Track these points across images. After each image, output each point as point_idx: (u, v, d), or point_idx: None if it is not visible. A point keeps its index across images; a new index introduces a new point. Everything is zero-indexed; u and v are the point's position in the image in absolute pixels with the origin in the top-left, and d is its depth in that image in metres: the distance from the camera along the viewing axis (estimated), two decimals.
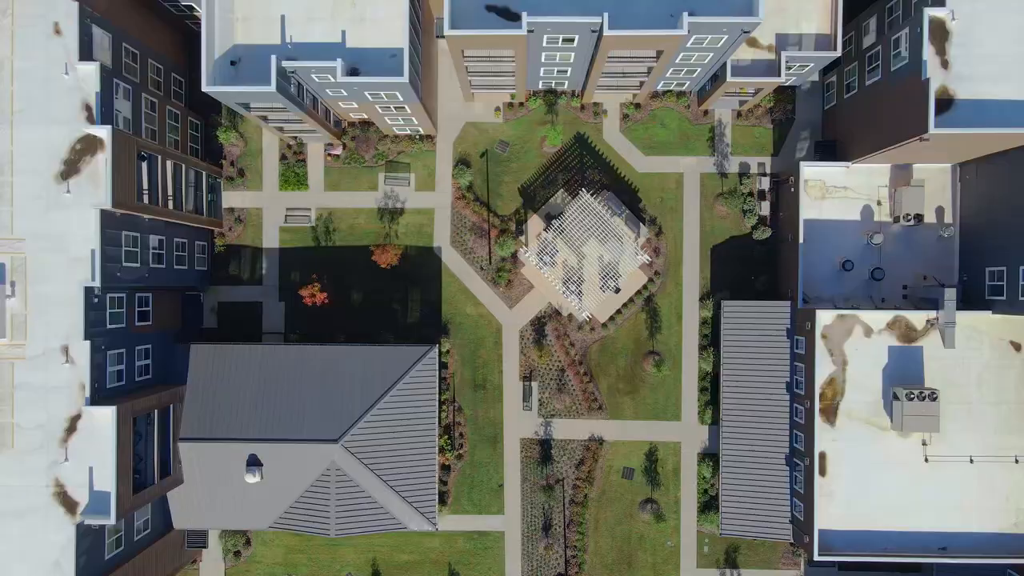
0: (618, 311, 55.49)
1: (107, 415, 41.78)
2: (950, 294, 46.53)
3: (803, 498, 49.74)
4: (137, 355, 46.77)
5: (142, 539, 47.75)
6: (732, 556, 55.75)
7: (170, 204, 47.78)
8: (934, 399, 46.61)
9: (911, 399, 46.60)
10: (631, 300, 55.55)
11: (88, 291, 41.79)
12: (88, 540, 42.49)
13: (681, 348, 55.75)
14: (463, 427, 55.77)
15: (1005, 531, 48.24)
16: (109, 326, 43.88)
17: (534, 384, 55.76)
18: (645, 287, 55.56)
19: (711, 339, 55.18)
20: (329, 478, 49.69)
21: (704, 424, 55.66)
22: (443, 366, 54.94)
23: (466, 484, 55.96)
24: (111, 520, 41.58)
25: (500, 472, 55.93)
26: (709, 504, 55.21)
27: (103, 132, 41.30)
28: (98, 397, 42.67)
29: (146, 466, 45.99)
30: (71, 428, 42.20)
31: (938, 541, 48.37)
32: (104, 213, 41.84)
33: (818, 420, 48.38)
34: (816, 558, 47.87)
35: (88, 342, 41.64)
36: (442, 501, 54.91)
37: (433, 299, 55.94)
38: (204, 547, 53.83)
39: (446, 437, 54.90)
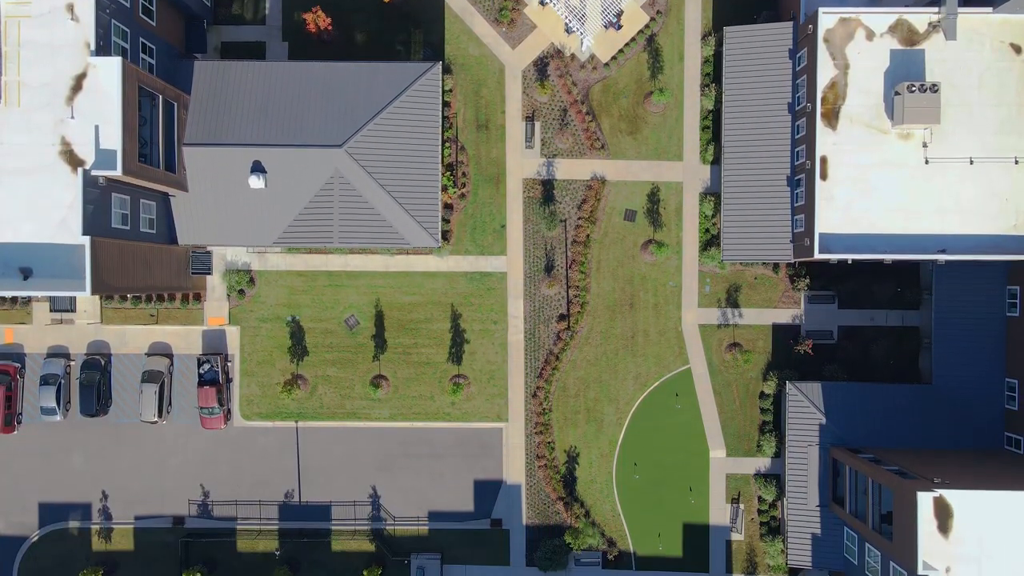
0: (620, 51, 55.58)
1: (112, 68, 41.95)
2: None
3: (804, 210, 50.07)
4: (141, 48, 46.91)
5: (147, 236, 48.03)
6: (733, 296, 56.15)
7: None
8: (935, 91, 46.84)
9: (912, 91, 46.84)
10: (633, 40, 55.63)
11: None
12: (95, 195, 42.71)
13: (683, 87, 55.92)
14: (466, 166, 55.98)
15: (1004, 232, 48.63)
16: None
17: (536, 123, 55.96)
18: (647, 27, 55.64)
19: (713, 77, 55.33)
20: (332, 188, 49.99)
21: (706, 164, 55.91)
22: (445, 104, 55.02)
23: (468, 224, 56.26)
24: (118, 171, 41.87)
25: (502, 212, 56.23)
26: (710, 243, 55.55)
27: None
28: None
29: (151, 151, 46.19)
30: (77, 87, 42.39)
31: (937, 243, 48.72)
32: None
33: (819, 124, 48.58)
34: (816, 256, 48.26)
35: None
36: (445, 239, 55.20)
37: (436, 40, 56.01)
38: (208, 273, 54.20)
39: (449, 175, 55.09)
